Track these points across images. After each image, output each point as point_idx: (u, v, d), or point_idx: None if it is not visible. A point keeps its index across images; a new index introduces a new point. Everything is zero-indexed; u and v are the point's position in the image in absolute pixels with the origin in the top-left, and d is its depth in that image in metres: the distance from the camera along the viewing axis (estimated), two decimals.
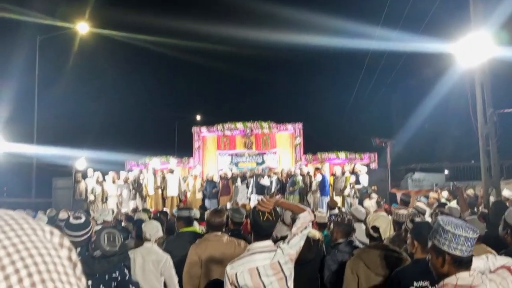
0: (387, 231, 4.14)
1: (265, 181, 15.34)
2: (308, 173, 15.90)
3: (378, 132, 21.30)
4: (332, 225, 4.85)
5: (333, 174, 15.79)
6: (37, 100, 19.10)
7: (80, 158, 16.95)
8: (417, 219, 4.37)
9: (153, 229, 4.67)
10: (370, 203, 11.19)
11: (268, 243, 2.99)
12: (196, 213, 6.99)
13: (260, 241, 2.98)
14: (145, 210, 9.31)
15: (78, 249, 3.56)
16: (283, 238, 3.19)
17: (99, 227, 5.06)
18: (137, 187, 15.60)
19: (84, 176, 16.00)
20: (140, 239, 4.94)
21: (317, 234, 4.87)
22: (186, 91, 36.82)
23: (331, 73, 31.47)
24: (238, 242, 4.22)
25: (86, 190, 15.60)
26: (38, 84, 19.19)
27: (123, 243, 3.67)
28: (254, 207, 3.04)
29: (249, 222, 3.16)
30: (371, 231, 4.06)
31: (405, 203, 9.08)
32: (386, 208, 8.97)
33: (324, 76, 32.20)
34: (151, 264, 4.45)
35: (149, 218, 7.93)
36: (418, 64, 23.26)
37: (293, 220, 3.99)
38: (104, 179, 15.79)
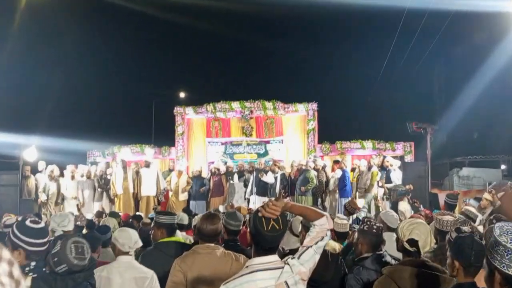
0: (427, 244, 4.11)
1: (268, 178, 15.35)
2: (324, 167, 15.92)
3: (415, 115, 21.28)
4: (356, 235, 4.84)
5: (354, 169, 15.81)
6: None
7: (29, 147, 16.94)
8: (465, 228, 4.37)
9: (130, 238, 4.67)
10: (406, 206, 11.18)
11: (273, 258, 2.95)
12: (183, 218, 7.02)
13: (263, 256, 2.94)
14: (113, 214, 9.33)
15: (33, 263, 3.57)
16: (292, 252, 3.18)
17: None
18: (103, 185, 15.63)
19: (35, 170, 16.02)
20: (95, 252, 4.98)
21: (337, 246, 4.88)
22: (166, 60, 36.64)
23: (354, 38, 31.27)
24: (236, 257, 4.20)
25: (37, 188, 15.62)
26: None
27: (91, 256, 3.71)
28: (256, 213, 3.00)
29: (248, 231, 3.13)
30: (406, 245, 4.04)
31: (450, 207, 9.09)
32: (427, 213, 8.98)
33: (346, 42, 32.04)
34: (133, 283, 4.44)
35: (119, 224, 7.97)
36: (469, 27, 23.15)
37: (306, 228, 4.00)
38: (61, 174, 15.82)
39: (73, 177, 15.73)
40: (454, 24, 19.25)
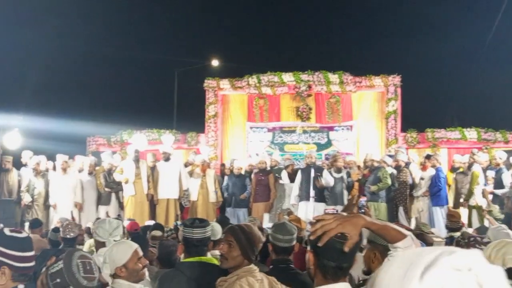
0: None
1: (327, 178, 15.08)
2: (409, 164, 15.71)
3: None
4: None
5: (453, 169, 15.58)
6: None
7: (10, 131, 17.13)
8: None
9: (117, 253, 4.65)
10: None
11: (344, 286, 2.86)
12: (216, 231, 6.94)
13: (331, 283, 2.83)
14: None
15: (21, 286, 3.55)
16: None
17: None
18: (112, 183, 15.64)
19: (17, 162, 16.15)
20: None
21: None
22: (194, 15, 36.70)
23: None
24: (274, 284, 4.20)
25: (20, 186, 15.76)
26: None
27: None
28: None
29: (309, 249, 3.05)
30: None
31: None
32: None
33: None
34: None
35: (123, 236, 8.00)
36: None
37: (373, 244, 3.94)
38: (53, 168, 15.99)
39: (65, 171, 15.78)
40: None
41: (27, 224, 11.54)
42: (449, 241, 8.38)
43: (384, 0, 33.38)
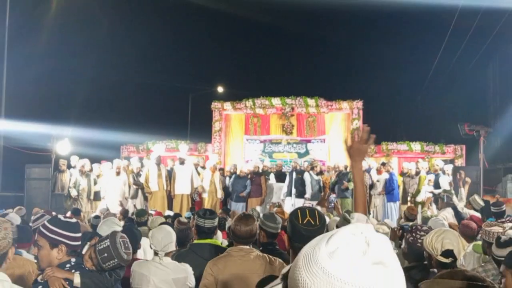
0: (460, 251, 4.02)
1: (308, 179, 15.35)
2: (369, 170, 15.85)
3: (467, 116, 21.04)
4: (403, 244, 4.78)
5: (403, 173, 15.75)
6: (6, 59, 18.85)
7: (62, 139, 17.13)
8: (504, 237, 4.36)
9: (160, 242, 4.81)
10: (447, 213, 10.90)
11: None
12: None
13: None
14: (140, 212, 9.15)
15: (73, 259, 3.70)
16: None
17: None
18: (139, 182, 15.74)
19: (69, 164, 16.17)
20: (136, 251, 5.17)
21: None
22: (204, 52, 36.76)
23: (403, 36, 30.79)
24: (271, 260, 4.20)
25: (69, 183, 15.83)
26: (8, 38, 18.94)
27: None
28: (298, 209, 3.02)
29: (286, 235, 3.12)
30: (443, 259, 3.95)
31: (497, 215, 8.98)
32: (474, 218, 8.79)
33: (395, 39, 31.63)
34: (173, 285, 4.62)
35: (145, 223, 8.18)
36: None
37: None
38: (91, 169, 16.09)
39: (118, 173, 15.87)
40: (510, 22, 18.99)
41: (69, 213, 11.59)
42: (401, 229, 8.48)
43: (350, 43, 33.58)
